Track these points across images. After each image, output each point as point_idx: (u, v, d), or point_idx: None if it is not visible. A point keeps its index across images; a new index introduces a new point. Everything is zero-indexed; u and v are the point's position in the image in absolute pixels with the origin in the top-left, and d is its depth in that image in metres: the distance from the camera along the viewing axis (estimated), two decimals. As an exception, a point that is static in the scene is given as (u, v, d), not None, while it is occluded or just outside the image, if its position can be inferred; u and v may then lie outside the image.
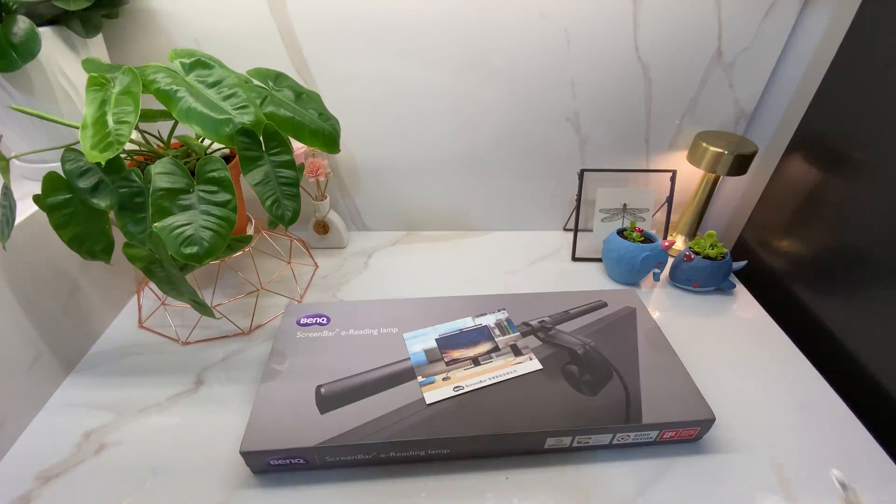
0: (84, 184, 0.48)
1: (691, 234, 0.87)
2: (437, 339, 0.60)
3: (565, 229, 0.93)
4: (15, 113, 0.50)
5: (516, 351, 0.58)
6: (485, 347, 0.59)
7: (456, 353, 0.58)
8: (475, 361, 0.57)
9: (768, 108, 0.79)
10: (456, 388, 0.53)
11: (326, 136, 0.57)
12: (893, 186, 0.58)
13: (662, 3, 0.67)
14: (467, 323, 0.63)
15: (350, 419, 0.50)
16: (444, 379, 0.54)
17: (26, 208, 0.54)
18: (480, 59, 0.72)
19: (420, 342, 0.59)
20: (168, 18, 0.66)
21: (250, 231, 0.70)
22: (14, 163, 0.61)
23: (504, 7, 0.67)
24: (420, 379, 0.54)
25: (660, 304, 0.75)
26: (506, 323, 0.63)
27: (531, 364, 0.56)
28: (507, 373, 0.55)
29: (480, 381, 0.54)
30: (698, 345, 0.66)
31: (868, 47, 0.62)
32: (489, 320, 0.63)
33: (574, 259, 0.85)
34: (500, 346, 0.59)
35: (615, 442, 0.52)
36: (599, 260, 0.84)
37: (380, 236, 0.90)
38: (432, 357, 0.57)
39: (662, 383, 0.54)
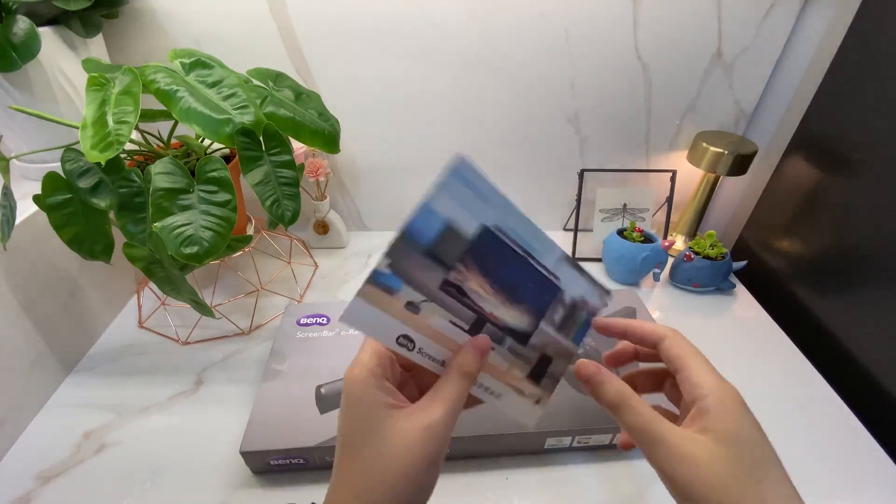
0: (84, 184, 0.48)
1: (691, 234, 0.87)
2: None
3: (565, 229, 0.93)
4: (15, 113, 0.50)
5: (516, 351, 0.58)
6: (485, 347, 0.59)
7: (456, 353, 0.58)
8: (475, 361, 0.57)
9: (768, 108, 0.78)
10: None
11: (326, 136, 0.57)
12: (893, 186, 0.58)
13: (662, 3, 0.67)
14: (467, 323, 0.62)
15: (350, 419, 0.49)
16: (444, 379, 0.54)
17: (26, 208, 0.53)
18: (480, 60, 0.72)
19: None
20: (168, 18, 0.66)
21: (250, 231, 0.70)
22: (14, 163, 0.61)
23: (504, 7, 0.67)
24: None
25: (660, 304, 0.75)
26: (506, 323, 0.63)
27: (531, 364, 0.56)
28: (507, 373, 0.55)
29: (480, 381, 0.54)
30: (698, 345, 0.65)
31: (868, 47, 0.62)
32: (489, 320, 0.63)
33: (574, 259, 0.85)
34: (500, 346, 0.59)
35: (615, 442, 0.52)
36: (599, 260, 0.83)
37: (380, 236, 0.90)
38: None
39: (662, 383, 0.54)
